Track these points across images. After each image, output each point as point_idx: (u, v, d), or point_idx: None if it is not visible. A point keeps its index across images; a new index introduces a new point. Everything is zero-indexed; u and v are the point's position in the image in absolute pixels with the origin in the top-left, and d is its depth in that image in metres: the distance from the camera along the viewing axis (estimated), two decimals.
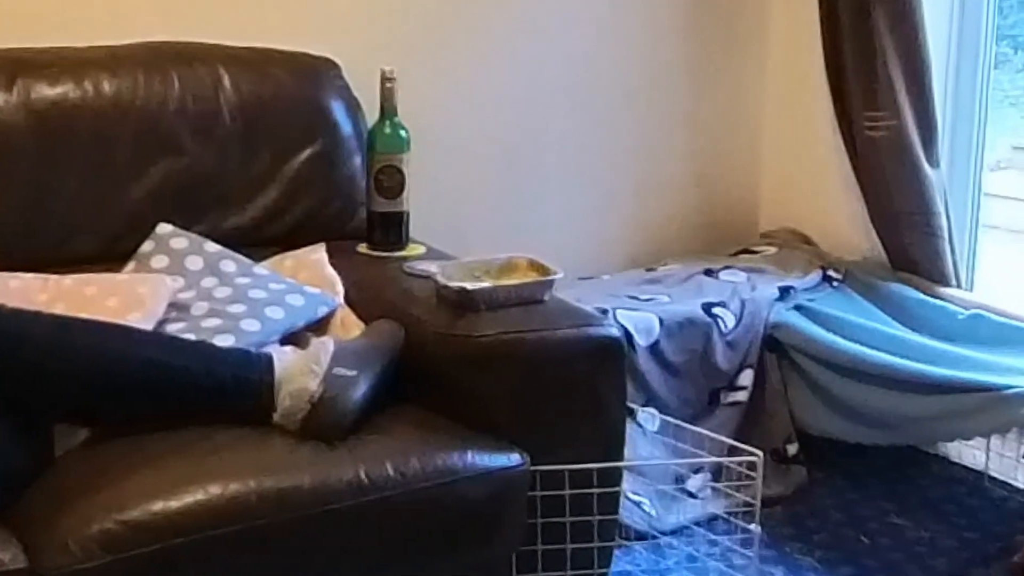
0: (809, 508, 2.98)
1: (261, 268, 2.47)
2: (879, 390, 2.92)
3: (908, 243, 3.26)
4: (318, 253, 2.58)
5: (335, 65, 2.77)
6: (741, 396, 3.07)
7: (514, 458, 2.10)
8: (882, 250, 3.34)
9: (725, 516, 2.46)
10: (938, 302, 3.16)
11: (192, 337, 2.19)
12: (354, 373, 2.09)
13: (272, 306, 2.32)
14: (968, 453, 3.15)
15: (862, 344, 2.98)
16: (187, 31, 2.68)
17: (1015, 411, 2.65)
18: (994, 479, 3.07)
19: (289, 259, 2.56)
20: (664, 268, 3.34)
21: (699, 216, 3.61)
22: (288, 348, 2.24)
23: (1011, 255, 4.07)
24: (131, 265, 2.44)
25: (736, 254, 3.48)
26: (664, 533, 2.70)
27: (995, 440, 2.99)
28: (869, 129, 3.23)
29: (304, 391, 2.04)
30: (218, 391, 2.07)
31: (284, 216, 2.68)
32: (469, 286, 2.24)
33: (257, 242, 2.61)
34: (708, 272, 3.27)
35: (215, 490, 1.87)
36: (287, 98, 2.69)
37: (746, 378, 3.07)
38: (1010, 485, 3.02)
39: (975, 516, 2.95)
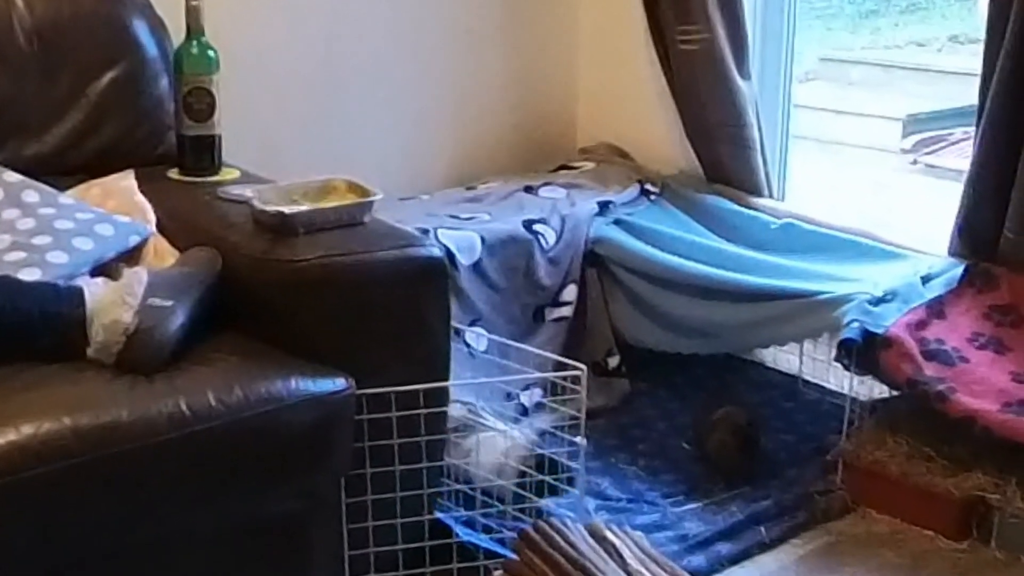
0: (632, 418, 3.06)
1: (66, 198, 2.38)
2: (697, 300, 3.00)
3: (722, 155, 3.34)
4: (127, 180, 2.51)
5: None
6: (565, 312, 3.12)
7: (339, 382, 2.10)
8: (697, 163, 3.41)
9: (552, 431, 2.50)
10: (752, 212, 3.25)
11: None
12: (170, 303, 2.05)
13: (80, 237, 2.25)
14: (783, 358, 3.27)
15: (679, 256, 3.05)
16: None
17: (827, 316, 2.75)
18: (808, 382, 3.19)
19: (96, 187, 2.48)
20: (484, 186, 3.35)
21: (517, 133, 3.62)
22: (99, 280, 2.19)
23: (820, 165, 4.22)
24: None
25: (555, 170, 3.51)
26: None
27: (808, 345, 3.11)
28: (682, 43, 3.28)
29: (118, 324, 2.00)
30: (25, 327, 2.01)
31: (88, 142, 2.59)
32: (287, 210, 2.21)
33: (61, 171, 2.52)
34: (528, 189, 3.29)
35: (28, 430, 1.83)
36: (86, 18, 2.59)
37: (569, 293, 3.12)
38: (823, 387, 3.15)
39: (791, 418, 3.07)
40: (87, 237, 2.26)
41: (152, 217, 2.41)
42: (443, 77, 3.45)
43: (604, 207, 3.23)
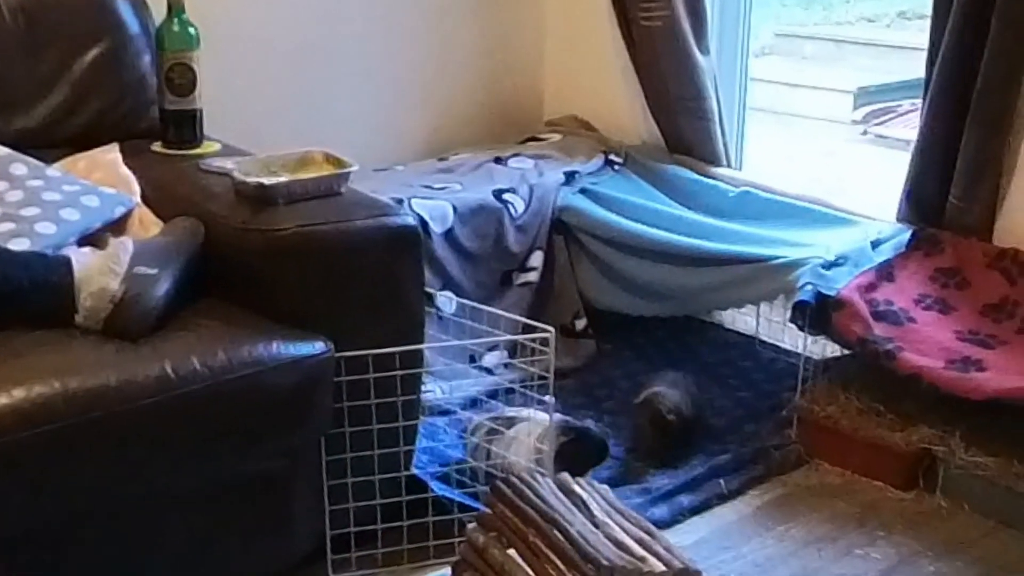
0: (598, 378, 3.07)
1: (54, 170, 2.36)
2: (659, 265, 3.01)
3: (682, 127, 3.34)
4: (112, 153, 2.49)
5: None
6: (532, 276, 3.12)
7: (318, 346, 2.10)
8: (659, 134, 3.41)
9: (521, 389, 2.51)
10: (710, 181, 3.26)
11: None
12: (155, 271, 2.04)
13: (67, 208, 2.23)
14: (740, 320, 3.28)
15: (642, 223, 3.06)
16: None
17: (782, 279, 2.76)
18: (764, 342, 3.21)
19: (82, 160, 2.46)
20: (456, 157, 3.34)
21: (487, 107, 3.61)
22: (87, 249, 2.17)
23: (775, 136, 4.23)
24: None
25: (523, 142, 3.50)
26: (464, 408, 2.74)
27: (764, 307, 3.11)
28: (644, 20, 3.27)
29: (105, 291, 1.99)
30: (16, 295, 1.99)
31: (74, 117, 2.57)
32: (266, 181, 2.20)
33: (48, 144, 2.49)
34: (498, 160, 3.28)
35: (19, 393, 1.82)
36: None
37: (536, 259, 3.12)
38: (778, 347, 3.16)
39: (748, 377, 3.08)
40: (74, 208, 2.24)
41: (136, 189, 2.39)
42: (416, 54, 3.43)
43: (570, 177, 3.22)
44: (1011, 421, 2.50)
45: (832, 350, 2.85)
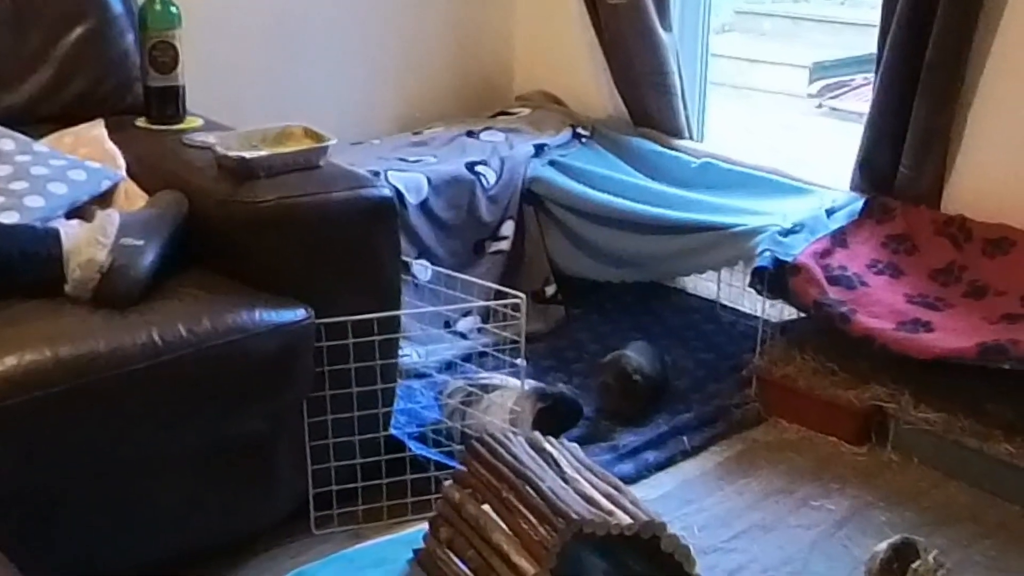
0: (567, 341, 3.08)
1: (41, 145, 2.34)
2: (625, 233, 3.01)
3: (646, 101, 3.34)
4: (97, 129, 2.46)
5: None
6: (504, 245, 3.12)
7: (299, 313, 2.09)
8: (624, 108, 3.41)
9: (494, 353, 2.51)
10: (673, 153, 3.26)
11: None
12: (141, 242, 2.03)
13: (55, 182, 2.21)
14: (702, 285, 3.29)
15: (609, 193, 3.06)
16: None
17: (741, 246, 2.77)
18: (725, 306, 3.22)
19: (69, 136, 2.44)
20: (430, 131, 3.32)
21: (460, 82, 3.59)
22: (74, 221, 2.15)
23: (736, 109, 4.23)
24: None
25: (494, 116, 3.49)
26: (439, 371, 2.74)
27: (725, 273, 3.13)
28: None
29: (93, 262, 1.98)
30: (6, 267, 1.98)
31: (60, 94, 2.54)
32: (248, 155, 2.19)
33: (35, 120, 2.47)
34: (470, 134, 3.27)
35: (11, 361, 1.81)
36: None
37: (507, 228, 3.12)
38: (738, 311, 3.18)
39: (710, 339, 3.10)
40: (62, 182, 2.22)
41: (122, 163, 2.37)
42: (391, 31, 3.41)
43: (540, 149, 3.22)
44: (957, 379, 2.52)
45: (789, 313, 2.87)
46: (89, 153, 2.36)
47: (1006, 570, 2.19)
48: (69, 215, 2.20)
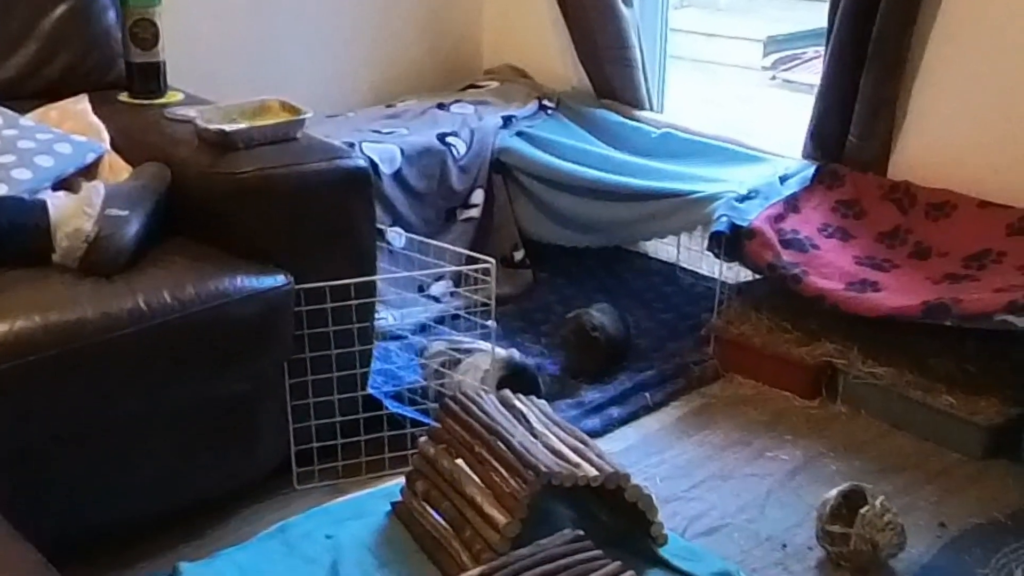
0: (535, 304, 3.08)
1: (27, 120, 2.31)
2: (589, 200, 3.01)
3: (609, 74, 3.33)
4: (82, 103, 2.43)
5: None
6: (474, 212, 3.11)
7: (280, 279, 2.08)
8: (587, 81, 3.40)
9: (465, 315, 2.51)
10: (635, 124, 3.25)
11: None
12: (126, 212, 2.01)
13: (41, 155, 2.18)
14: (663, 249, 3.30)
15: (574, 162, 3.05)
16: None
17: (700, 212, 2.77)
18: (684, 269, 3.23)
19: (54, 110, 2.40)
20: (402, 104, 3.30)
21: (430, 57, 3.57)
22: (61, 193, 2.13)
23: (694, 81, 4.22)
24: None
25: (464, 89, 3.47)
26: (413, 333, 2.74)
27: (684, 237, 3.13)
28: None
29: (80, 232, 1.96)
30: None
31: (45, 70, 2.51)
32: (227, 128, 2.17)
33: (21, 96, 2.44)
34: (441, 106, 3.25)
35: (2, 328, 1.79)
36: None
37: (477, 197, 3.11)
38: (697, 273, 3.18)
39: (670, 300, 3.11)
40: (48, 155, 2.19)
41: (106, 136, 2.34)
42: (365, 9, 3.37)
43: (507, 121, 3.21)
44: (903, 336, 2.55)
45: (745, 275, 2.88)
46: (74, 127, 2.33)
47: (947, 514, 2.22)
48: (56, 187, 2.17)
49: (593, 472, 1.98)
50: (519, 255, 3.17)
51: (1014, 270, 2.48)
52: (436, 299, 2.94)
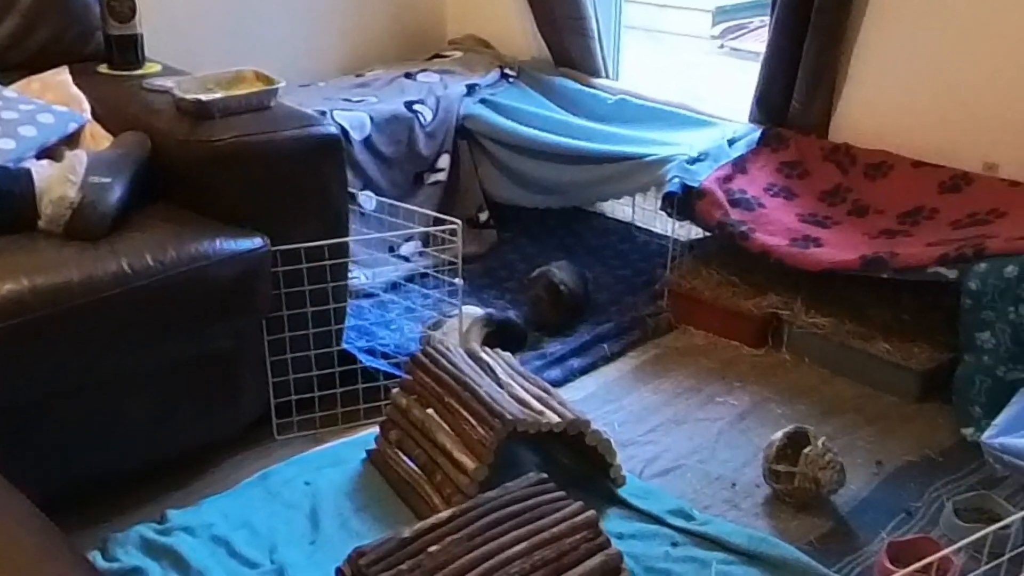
0: (499, 262, 3.08)
1: (10, 91, 2.27)
2: (550, 164, 3.00)
3: (567, 43, 3.31)
4: (62, 75, 2.39)
5: None
6: (440, 176, 3.09)
7: (257, 241, 2.06)
8: (547, 50, 3.38)
9: (434, 274, 2.50)
10: (591, 91, 3.24)
11: None
12: (108, 179, 1.99)
13: (24, 125, 2.14)
14: (619, 209, 3.30)
15: (534, 128, 3.04)
16: None
17: (653, 174, 2.77)
18: (639, 228, 3.24)
19: (35, 82, 2.36)
20: (371, 73, 3.27)
21: (397, 28, 3.53)
22: (45, 162, 2.10)
23: (647, 50, 4.20)
24: None
25: (429, 59, 3.44)
26: (384, 291, 2.73)
27: (639, 198, 3.14)
28: None
29: (64, 199, 1.93)
30: None
31: (26, 43, 2.46)
32: (204, 97, 2.14)
33: (2, 68, 2.40)
34: (408, 75, 3.22)
35: None
36: None
37: (444, 161, 3.09)
38: (651, 231, 3.19)
39: (626, 257, 3.11)
40: (31, 125, 2.15)
41: (87, 106, 2.31)
42: None
43: (471, 89, 3.19)
44: (843, 288, 2.57)
45: (696, 232, 2.89)
46: (55, 98, 2.29)
47: (884, 452, 2.25)
48: (39, 156, 2.14)
49: (556, 419, 1.99)
50: (484, 216, 3.16)
51: (946, 226, 2.51)
52: (406, 259, 2.93)
